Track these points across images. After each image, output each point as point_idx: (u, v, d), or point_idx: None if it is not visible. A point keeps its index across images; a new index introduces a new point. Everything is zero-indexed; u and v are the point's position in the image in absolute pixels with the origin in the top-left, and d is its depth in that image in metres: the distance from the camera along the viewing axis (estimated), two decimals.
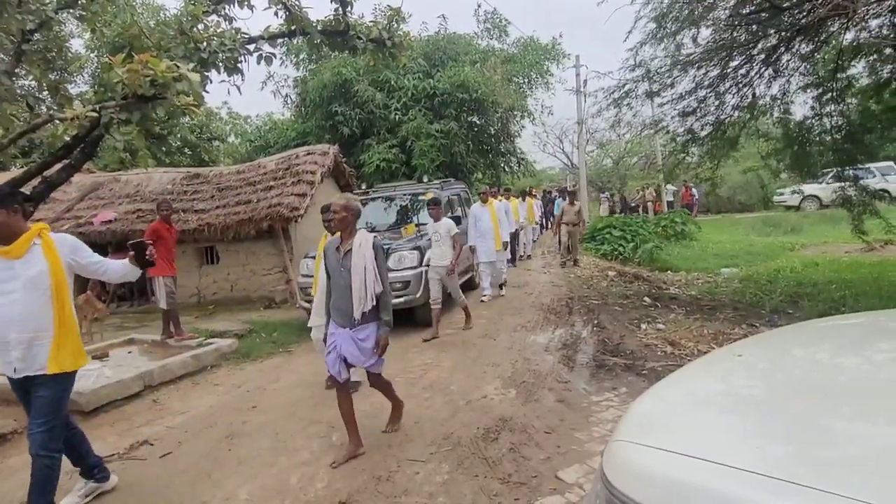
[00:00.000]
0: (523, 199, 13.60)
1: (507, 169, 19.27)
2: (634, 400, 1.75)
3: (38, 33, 6.41)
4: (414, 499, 3.04)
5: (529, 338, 6.29)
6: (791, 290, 7.93)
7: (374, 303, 3.45)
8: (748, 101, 7.86)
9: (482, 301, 8.42)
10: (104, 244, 10.64)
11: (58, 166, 6.44)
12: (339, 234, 3.63)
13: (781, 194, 21.32)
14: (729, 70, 7.55)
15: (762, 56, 7.35)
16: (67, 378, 2.92)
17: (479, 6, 20.42)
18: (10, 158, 7.53)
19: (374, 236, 3.62)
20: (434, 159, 14.42)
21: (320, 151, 11.07)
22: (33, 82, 8.10)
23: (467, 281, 9.07)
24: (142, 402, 5.05)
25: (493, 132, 17.50)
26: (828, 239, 13.51)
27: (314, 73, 16.13)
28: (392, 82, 15.13)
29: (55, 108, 6.43)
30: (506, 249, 9.35)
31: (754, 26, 6.99)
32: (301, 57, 17.10)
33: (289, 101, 18.33)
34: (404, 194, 8.61)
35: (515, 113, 17.84)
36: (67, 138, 5.98)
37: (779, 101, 7.97)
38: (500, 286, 8.89)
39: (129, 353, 6.53)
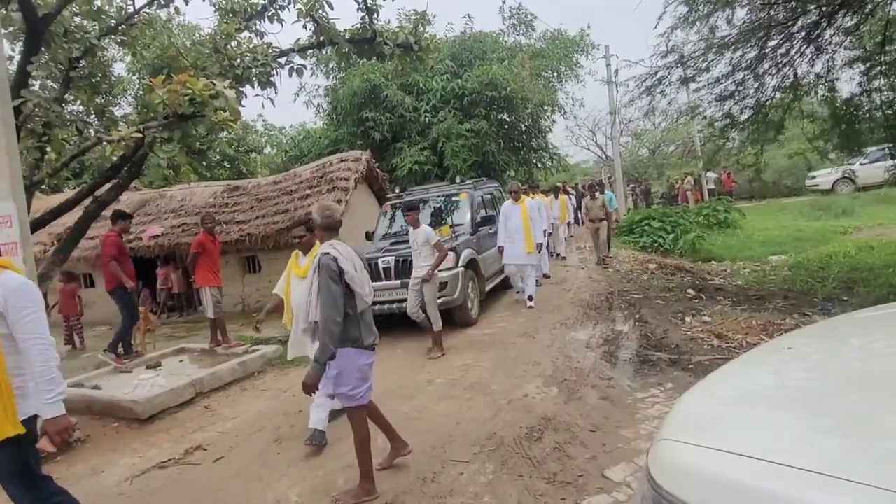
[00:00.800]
0: (556, 197, 12.91)
1: (539, 165, 19.11)
2: (681, 396, 1.71)
3: (83, 60, 6.77)
4: (459, 499, 3.05)
5: (569, 335, 6.21)
6: (845, 276, 7.57)
7: (306, 325, 3.05)
8: (790, 81, 7.56)
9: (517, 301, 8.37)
10: (153, 258, 11.11)
11: (107, 186, 6.79)
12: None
13: (813, 178, 19.78)
14: (767, 50, 7.28)
15: (802, 33, 7.06)
16: (8, 445, 2.31)
17: (503, 2, 20.36)
18: (63, 180, 7.96)
19: (326, 253, 2.99)
20: (466, 159, 14.43)
21: (353, 158, 11.24)
22: (81, 107, 8.53)
23: (501, 281, 9.02)
24: (194, 409, 5.25)
25: (523, 129, 17.40)
26: (883, 221, 12.81)
27: (344, 80, 16.38)
28: (420, 85, 15.21)
29: (102, 130, 6.76)
30: (539, 252, 8.39)
31: (792, 3, 6.72)
32: (330, 66, 17.34)
33: (320, 110, 18.70)
34: (438, 196, 8.63)
35: (546, 108, 17.64)
36: (115, 158, 6.30)
37: (823, 80, 7.64)
38: (529, 297, 7.80)
39: (181, 361, 6.79)
